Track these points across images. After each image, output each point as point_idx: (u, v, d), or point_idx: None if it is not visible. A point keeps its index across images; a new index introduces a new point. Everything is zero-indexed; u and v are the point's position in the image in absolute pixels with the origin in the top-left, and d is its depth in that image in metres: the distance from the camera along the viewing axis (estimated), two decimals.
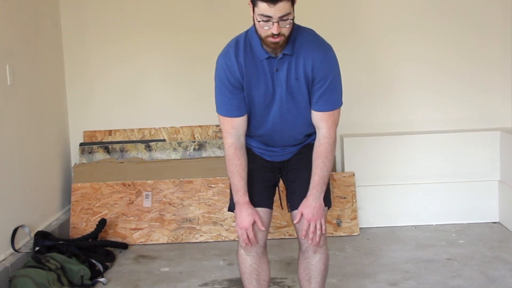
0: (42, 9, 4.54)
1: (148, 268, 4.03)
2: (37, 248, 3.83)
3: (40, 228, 4.18)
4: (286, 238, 4.46)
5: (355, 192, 4.58)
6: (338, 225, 4.52)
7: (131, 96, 4.95)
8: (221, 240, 4.49)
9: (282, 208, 2.97)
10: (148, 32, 4.88)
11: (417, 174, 4.71)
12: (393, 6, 4.85)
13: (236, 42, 2.68)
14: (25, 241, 3.96)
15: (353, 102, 4.57)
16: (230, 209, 2.85)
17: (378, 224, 4.67)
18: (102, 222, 4.35)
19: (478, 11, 4.82)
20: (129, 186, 4.57)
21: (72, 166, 4.87)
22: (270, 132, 2.78)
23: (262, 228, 2.75)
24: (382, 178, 4.70)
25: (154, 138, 4.91)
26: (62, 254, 3.77)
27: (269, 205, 2.83)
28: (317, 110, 2.70)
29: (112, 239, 4.42)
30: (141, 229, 4.51)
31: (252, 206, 2.74)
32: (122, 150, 4.79)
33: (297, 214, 2.76)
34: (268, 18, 2.49)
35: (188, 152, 4.80)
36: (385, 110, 4.90)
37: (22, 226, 3.90)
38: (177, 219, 4.52)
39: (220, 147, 4.75)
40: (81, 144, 4.85)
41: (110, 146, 4.80)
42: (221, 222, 4.52)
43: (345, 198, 4.55)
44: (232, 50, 2.67)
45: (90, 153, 4.79)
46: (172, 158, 4.78)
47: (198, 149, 4.79)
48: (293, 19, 2.53)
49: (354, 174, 4.60)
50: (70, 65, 4.90)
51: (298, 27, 2.67)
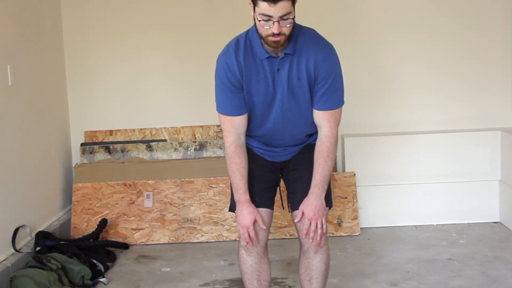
0: (43, 9, 4.54)
1: (149, 268, 4.03)
2: (38, 248, 3.83)
3: (41, 228, 4.18)
4: (287, 238, 4.46)
5: (356, 192, 4.58)
6: (339, 225, 4.52)
7: (132, 96, 4.95)
8: (222, 240, 4.49)
9: (283, 208, 2.97)
10: (149, 32, 4.89)
11: (418, 174, 4.71)
12: (393, 6, 4.85)
13: (236, 42, 2.69)
14: (26, 241, 3.96)
15: (353, 102, 4.58)
16: (231, 209, 2.84)
17: (379, 224, 4.67)
18: (103, 222, 4.35)
19: (478, 11, 4.82)
20: (130, 186, 4.57)
21: (73, 166, 4.87)
22: (271, 132, 2.78)
23: (263, 226, 2.75)
24: (383, 178, 4.70)
25: (155, 138, 4.91)
26: (63, 254, 3.76)
27: (270, 205, 2.83)
28: (319, 109, 2.70)
29: (113, 239, 4.41)
30: (142, 229, 4.51)
31: (252, 205, 2.74)
32: (123, 150, 4.79)
33: (298, 213, 2.76)
34: (268, 18, 2.49)
35: (189, 152, 4.80)
36: (385, 110, 4.90)
37: (23, 226, 3.90)
38: (178, 219, 4.52)
39: (221, 147, 4.75)
40: (82, 144, 4.85)
41: (111, 146, 4.81)
42: (222, 222, 4.52)
43: (346, 198, 4.55)
44: (232, 50, 2.67)
45: (91, 153, 4.79)
46: (173, 158, 4.78)
47: (199, 149, 4.80)
48: (293, 19, 2.53)
49: (355, 174, 4.60)
50: (71, 65, 4.91)
51: (299, 27, 2.67)
